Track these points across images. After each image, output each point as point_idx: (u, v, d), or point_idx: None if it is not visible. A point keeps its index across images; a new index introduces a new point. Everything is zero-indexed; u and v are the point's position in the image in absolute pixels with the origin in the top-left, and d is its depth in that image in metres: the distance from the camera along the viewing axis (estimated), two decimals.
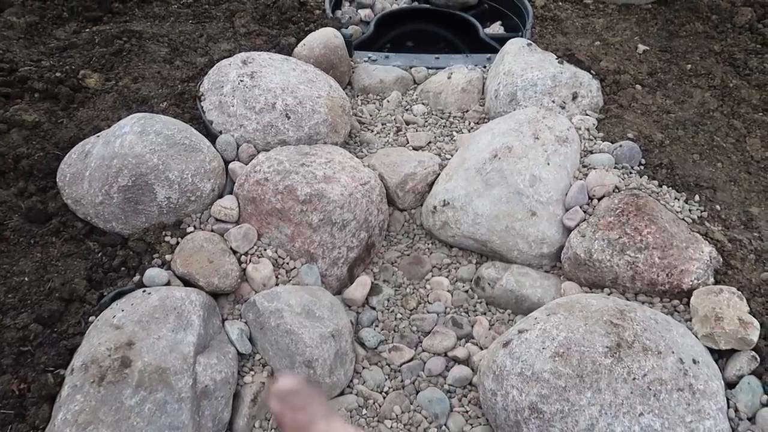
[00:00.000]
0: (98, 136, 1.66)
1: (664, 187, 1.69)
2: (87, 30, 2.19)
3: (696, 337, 1.34)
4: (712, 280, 1.45)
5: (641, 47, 2.29)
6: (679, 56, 2.27)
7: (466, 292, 1.68)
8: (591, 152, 1.79)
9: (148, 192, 1.54)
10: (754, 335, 1.30)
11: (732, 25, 2.40)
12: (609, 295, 1.50)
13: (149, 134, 1.57)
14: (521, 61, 2.10)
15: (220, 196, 1.67)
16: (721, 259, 1.49)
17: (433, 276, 1.73)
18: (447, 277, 1.72)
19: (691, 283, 1.43)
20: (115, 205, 1.53)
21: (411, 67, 2.41)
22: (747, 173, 1.79)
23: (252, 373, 1.44)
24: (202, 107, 1.85)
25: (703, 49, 2.29)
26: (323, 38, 2.17)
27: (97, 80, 1.95)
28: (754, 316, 1.32)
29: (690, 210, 1.63)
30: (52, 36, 2.15)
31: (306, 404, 0.29)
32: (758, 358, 1.30)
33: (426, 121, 2.17)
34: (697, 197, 1.67)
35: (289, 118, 1.78)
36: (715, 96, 2.07)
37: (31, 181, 1.64)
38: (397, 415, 1.43)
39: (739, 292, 1.37)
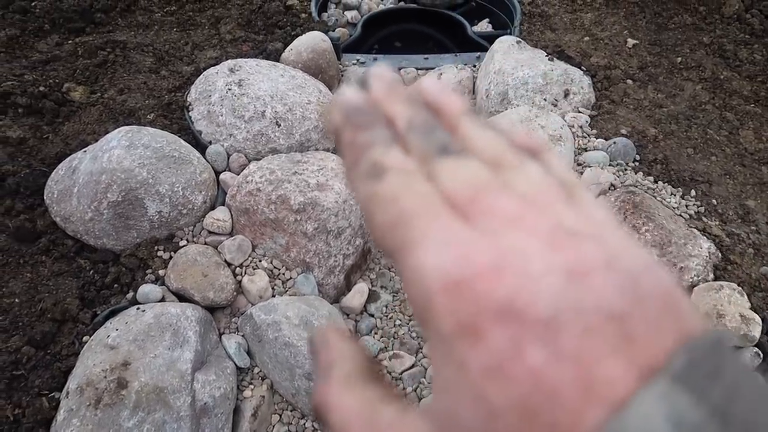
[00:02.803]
0: (85, 152, 1.62)
1: (660, 182, 1.68)
2: (70, 42, 2.15)
3: None
4: (711, 276, 1.44)
5: (631, 41, 2.28)
6: (669, 49, 2.26)
7: None
8: (585, 150, 1.78)
9: (139, 207, 1.51)
10: (757, 331, 1.29)
11: (720, 15, 2.40)
12: None
13: (137, 148, 1.54)
14: (511, 59, 2.09)
15: (212, 207, 1.65)
16: (720, 255, 1.48)
17: None
18: None
19: (691, 280, 1.42)
20: (105, 222, 1.50)
21: (400, 68, 2.39)
22: (741, 166, 1.78)
23: (251, 387, 1.42)
24: (190, 117, 1.82)
25: (693, 41, 2.28)
26: (310, 42, 2.14)
27: (81, 93, 1.91)
28: (755, 312, 1.32)
29: (687, 205, 1.62)
30: (34, 49, 2.11)
31: (371, 124, 0.25)
32: (761, 355, 1.29)
33: None
34: (693, 192, 1.66)
35: (279, 125, 1.76)
36: (707, 88, 2.07)
37: (18, 200, 1.60)
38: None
39: (740, 288, 1.36)
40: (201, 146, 1.75)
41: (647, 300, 0.18)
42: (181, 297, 1.46)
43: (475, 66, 2.35)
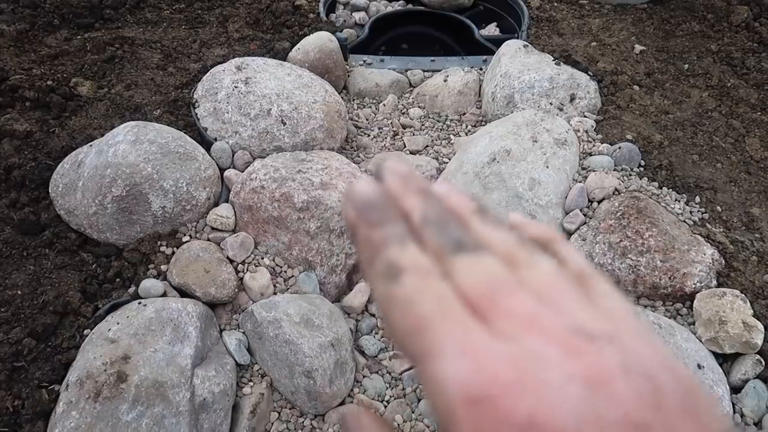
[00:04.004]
0: (91, 146, 1.63)
1: (664, 188, 1.67)
2: (78, 37, 2.17)
3: (700, 341, 1.32)
4: (714, 282, 1.44)
5: (638, 47, 2.28)
6: (676, 56, 2.26)
7: None
8: (590, 154, 1.78)
9: (143, 202, 1.52)
10: (759, 339, 1.28)
11: (728, 24, 2.40)
12: None
13: (143, 143, 1.54)
14: (518, 62, 2.09)
15: (216, 204, 1.65)
16: (724, 262, 1.47)
17: None
18: None
19: (693, 286, 1.42)
20: (109, 216, 1.51)
21: (407, 70, 2.39)
22: (747, 173, 1.77)
23: (251, 384, 1.42)
24: (196, 114, 1.82)
25: (700, 49, 2.28)
26: (318, 42, 2.15)
27: (89, 88, 1.92)
28: (758, 319, 1.31)
29: (691, 212, 1.62)
30: (43, 43, 2.12)
31: (385, 220, 0.25)
32: (763, 362, 1.28)
33: (423, 125, 2.15)
34: (697, 198, 1.65)
35: (284, 124, 1.76)
36: (713, 96, 2.06)
37: (24, 192, 1.61)
38: (398, 424, 1.41)
39: (743, 295, 1.36)
40: (206, 143, 1.75)
41: (667, 403, 0.18)
42: (183, 292, 1.46)
43: (481, 69, 2.35)
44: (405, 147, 2.03)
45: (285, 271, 1.56)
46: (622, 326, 0.20)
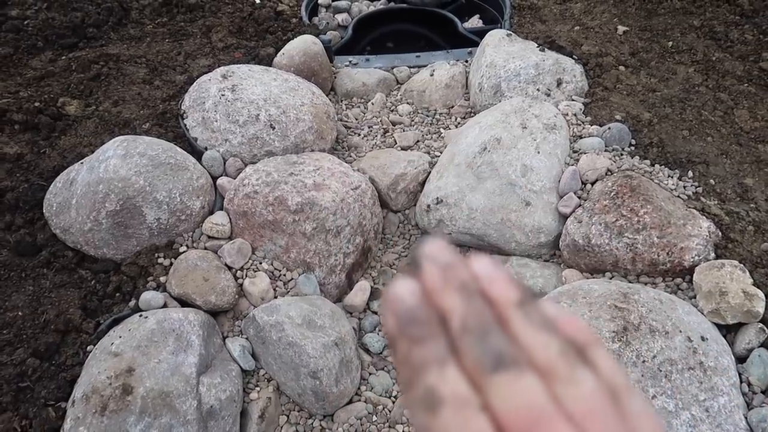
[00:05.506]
0: (82, 163, 1.63)
1: (657, 165, 1.67)
2: (63, 57, 2.17)
3: (702, 313, 1.32)
4: (713, 255, 1.44)
5: (621, 28, 2.28)
6: (660, 34, 2.26)
7: None
8: (580, 137, 1.78)
9: (137, 215, 1.52)
10: (760, 307, 1.28)
11: None
12: (611, 279, 1.48)
13: (133, 156, 1.54)
14: (502, 52, 2.09)
15: (211, 212, 1.65)
16: (720, 233, 1.47)
17: None
18: None
19: (692, 259, 1.42)
20: (104, 231, 1.51)
21: (393, 68, 2.39)
22: (738, 145, 1.78)
23: (257, 389, 1.42)
24: (185, 125, 1.82)
25: (683, 25, 2.28)
26: (302, 46, 2.15)
27: (77, 107, 1.92)
28: (758, 288, 1.31)
29: (684, 186, 1.62)
30: (29, 66, 2.12)
31: (426, 337, 0.25)
32: (766, 330, 1.28)
33: (412, 120, 2.16)
34: (690, 173, 1.66)
35: (273, 128, 1.77)
36: (699, 71, 2.07)
37: (18, 214, 1.61)
38: (407, 419, 1.41)
39: (741, 265, 1.36)
40: (197, 153, 1.75)
41: None
42: (183, 302, 1.46)
43: (467, 61, 2.35)
44: (396, 144, 2.04)
45: (284, 275, 1.56)
46: None
